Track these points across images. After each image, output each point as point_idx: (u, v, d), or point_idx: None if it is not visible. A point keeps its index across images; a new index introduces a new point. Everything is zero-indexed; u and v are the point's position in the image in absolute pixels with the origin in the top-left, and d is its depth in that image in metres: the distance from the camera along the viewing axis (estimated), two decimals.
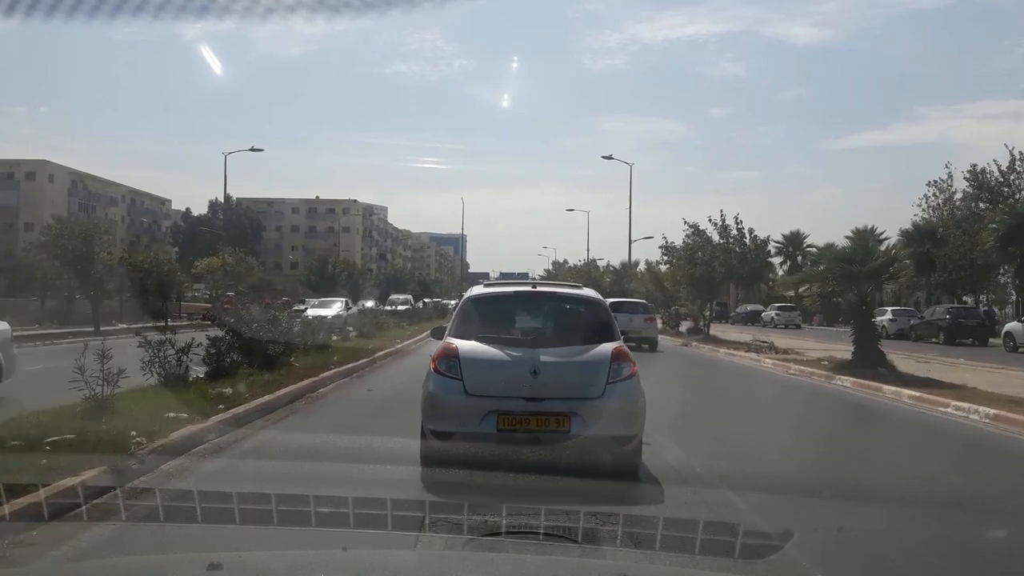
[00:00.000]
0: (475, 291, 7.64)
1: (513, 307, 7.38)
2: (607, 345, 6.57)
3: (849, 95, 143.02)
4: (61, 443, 6.14)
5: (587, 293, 7.71)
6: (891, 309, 36.74)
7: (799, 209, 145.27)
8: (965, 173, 39.70)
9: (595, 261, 62.73)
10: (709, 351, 25.01)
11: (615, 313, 8.05)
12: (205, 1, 5.27)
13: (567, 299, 7.58)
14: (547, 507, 4.14)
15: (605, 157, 43.57)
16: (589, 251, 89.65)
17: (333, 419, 9.67)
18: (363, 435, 8.27)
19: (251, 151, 45.68)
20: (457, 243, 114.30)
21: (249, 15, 5.79)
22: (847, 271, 16.70)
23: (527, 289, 7.48)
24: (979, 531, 5.33)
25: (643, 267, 59.60)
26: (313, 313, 24.43)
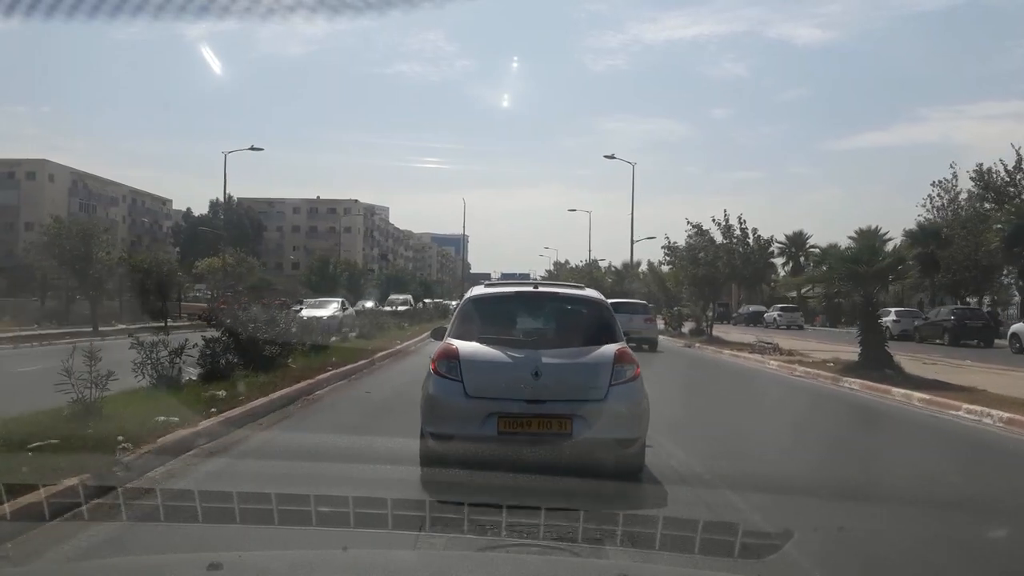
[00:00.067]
0: (476, 291, 7.52)
1: (514, 308, 7.28)
2: (610, 346, 6.51)
3: (851, 96, 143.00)
4: (44, 448, 6.07)
5: (589, 294, 7.63)
6: (895, 310, 36.55)
7: (800, 210, 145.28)
8: (971, 173, 39.51)
9: (597, 261, 62.82)
10: (713, 352, 24.92)
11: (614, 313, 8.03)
12: (205, 1, 5.26)
13: (569, 300, 7.49)
14: (547, 507, 4.14)
15: (607, 156, 43.56)
16: (591, 251, 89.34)
17: (331, 422, 9.59)
18: (363, 435, 8.24)
19: (251, 150, 45.63)
20: (458, 243, 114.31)
21: (249, 15, 5.79)
22: (853, 271, 16.56)
23: (528, 289, 7.38)
24: (979, 531, 5.33)
25: (645, 268, 59.77)
26: (308, 313, 23.38)
